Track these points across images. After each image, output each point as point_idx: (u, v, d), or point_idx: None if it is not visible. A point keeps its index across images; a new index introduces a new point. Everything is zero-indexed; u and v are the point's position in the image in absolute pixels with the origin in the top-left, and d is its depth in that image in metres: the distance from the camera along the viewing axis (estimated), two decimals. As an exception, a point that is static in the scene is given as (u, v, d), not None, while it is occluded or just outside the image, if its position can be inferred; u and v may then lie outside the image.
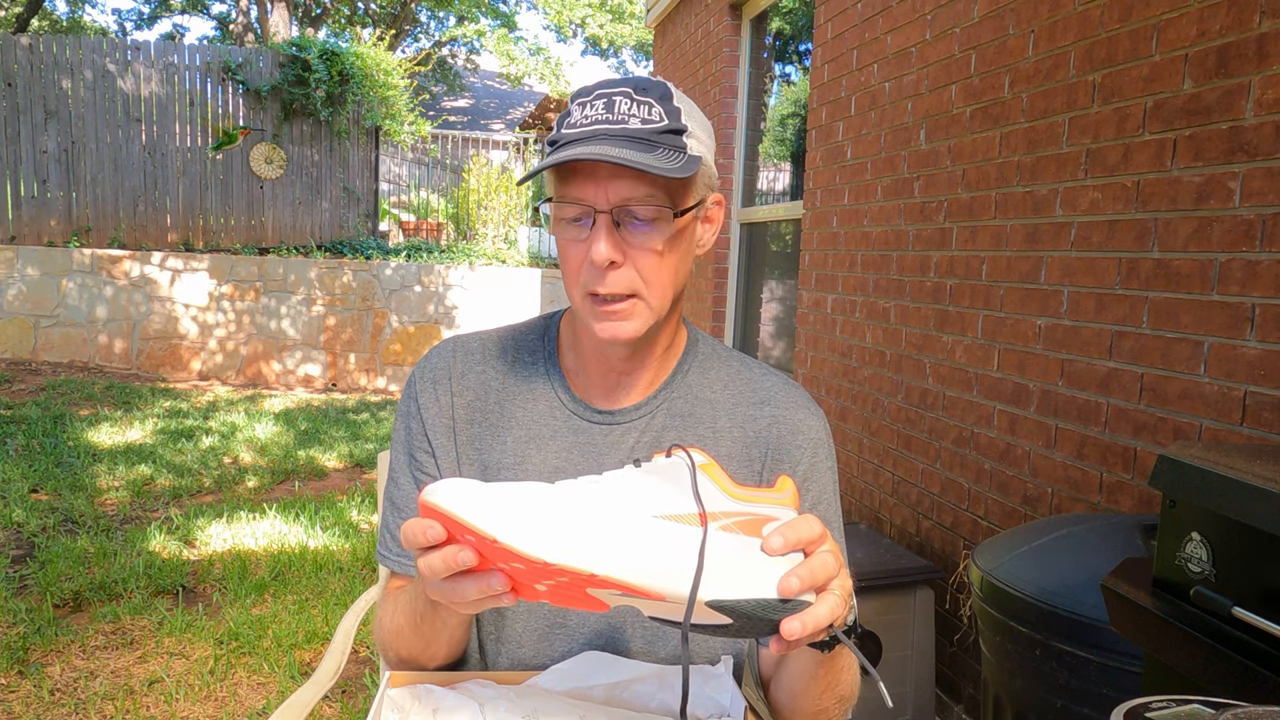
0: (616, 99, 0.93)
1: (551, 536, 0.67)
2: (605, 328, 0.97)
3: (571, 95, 0.98)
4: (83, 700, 2.54)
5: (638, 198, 0.92)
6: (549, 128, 16.96)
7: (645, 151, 0.90)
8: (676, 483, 0.75)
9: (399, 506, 1.08)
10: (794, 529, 0.74)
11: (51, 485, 4.45)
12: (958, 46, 2.82)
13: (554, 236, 1.00)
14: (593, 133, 0.91)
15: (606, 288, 0.94)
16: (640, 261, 0.95)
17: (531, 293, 8.73)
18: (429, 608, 0.91)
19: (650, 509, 0.72)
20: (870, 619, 2.49)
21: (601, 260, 0.92)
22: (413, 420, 1.09)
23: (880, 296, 3.29)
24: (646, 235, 0.94)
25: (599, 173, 0.92)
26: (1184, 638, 1.18)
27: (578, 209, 0.94)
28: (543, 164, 0.92)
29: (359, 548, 3.84)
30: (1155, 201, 2.00)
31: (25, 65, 7.82)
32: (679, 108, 0.95)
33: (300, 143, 8.64)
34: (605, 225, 0.92)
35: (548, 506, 0.69)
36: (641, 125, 0.92)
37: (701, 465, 0.76)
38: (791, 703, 0.98)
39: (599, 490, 0.73)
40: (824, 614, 0.72)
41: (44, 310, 7.65)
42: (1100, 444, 2.15)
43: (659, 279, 0.96)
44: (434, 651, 0.99)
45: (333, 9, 17.72)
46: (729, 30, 5.25)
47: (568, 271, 0.98)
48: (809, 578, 0.72)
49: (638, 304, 0.96)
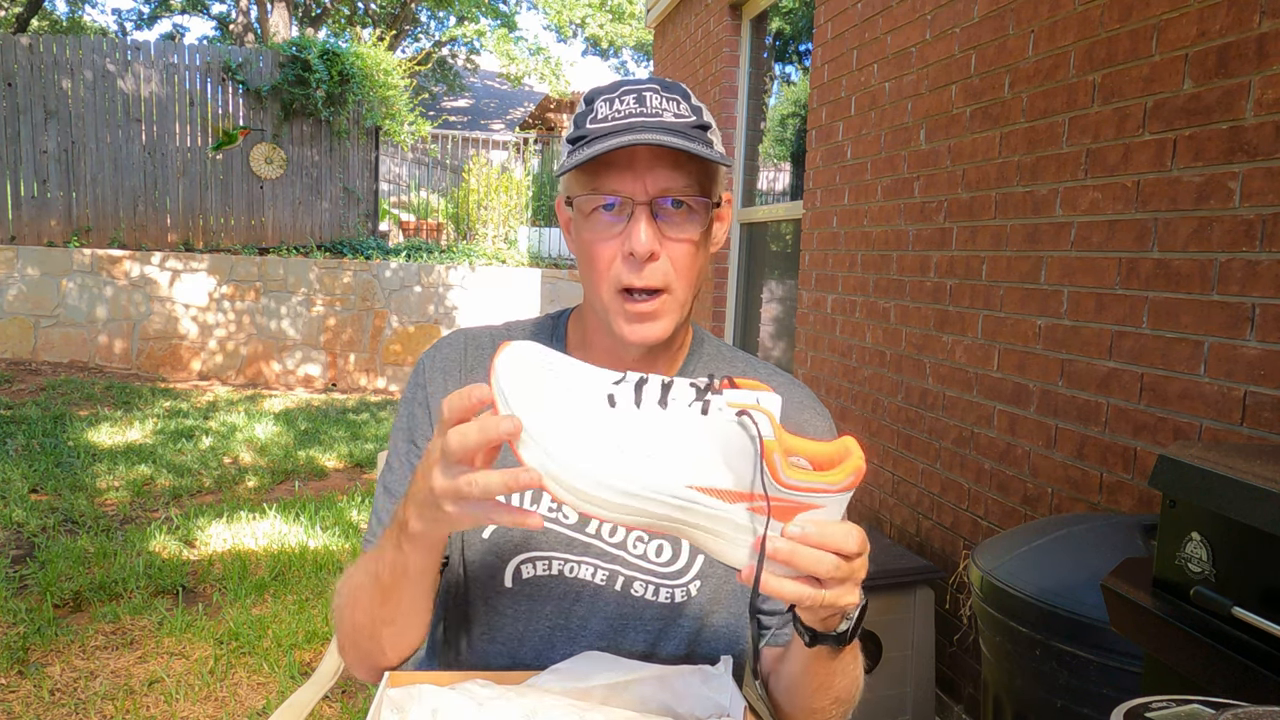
0: (647, 94, 0.94)
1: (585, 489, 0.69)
2: (635, 330, 0.96)
3: (588, 94, 0.98)
4: (83, 700, 2.54)
5: (677, 188, 0.93)
6: (549, 128, 16.96)
7: (687, 140, 0.91)
8: (733, 453, 0.70)
9: (393, 493, 1.06)
10: (824, 532, 0.70)
11: (51, 485, 4.45)
12: (958, 46, 2.82)
13: (576, 233, 0.99)
14: (628, 125, 0.91)
15: (644, 280, 0.94)
16: (675, 253, 0.95)
17: (531, 293, 8.73)
18: (397, 552, 0.86)
19: (690, 477, 0.70)
20: (870, 619, 2.48)
21: (644, 250, 0.92)
22: (418, 407, 1.07)
23: (880, 296, 3.29)
24: (683, 226, 0.95)
25: (637, 164, 0.92)
26: (1184, 638, 1.18)
27: (613, 201, 0.93)
28: (586, 154, 0.89)
29: (359, 548, 3.83)
30: (1155, 201, 2.00)
31: (25, 65, 7.82)
32: (700, 106, 0.97)
33: (300, 143, 8.64)
34: (645, 216, 0.92)
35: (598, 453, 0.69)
36: (675, 119, 0.93)
37: (766, 442, 0.69)
38: (788, 699, 0.98)
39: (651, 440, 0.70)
40: (789, 590, 0.71)
41: (44, 310, 7.65)
42: (1100, 444, 2.15)
43: (690, 271, 0.97)
44: (388, 612, 0.93)
45: (333, 9, 17.72)
46: (729, 30, 5.25)
47: (596, 268, 0.96)
48: (788, 553, 0.69)
49: (667, 300, 0.96)
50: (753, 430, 0.69)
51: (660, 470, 0.69)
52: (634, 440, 0.69)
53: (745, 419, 0.69)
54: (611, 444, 0.69)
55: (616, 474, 0.69)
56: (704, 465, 0.70)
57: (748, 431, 0.69)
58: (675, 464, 0.69)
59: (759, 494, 0.69)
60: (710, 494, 0.70)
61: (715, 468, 0.70)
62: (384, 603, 0.93)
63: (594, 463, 0.69)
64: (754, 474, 0.69)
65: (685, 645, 1.05)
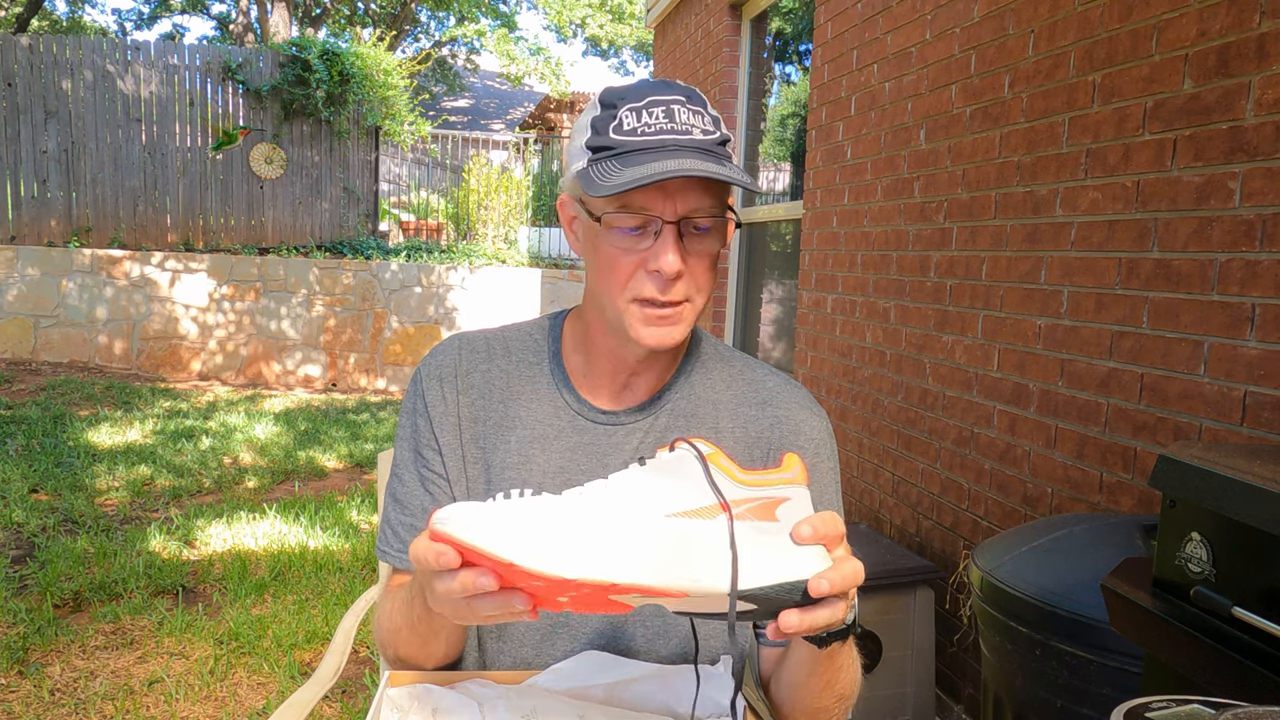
0: (675, 108, 0.94)
1: (569, 553, 0.66)
2: (653, 334, 0.97)
3: (607, 96, 0.96)
4: (83, 700, 2.54)
5: (704, 208, 0.94)
6: (549, 128, 16.96)
7: (719, 163, 0.92)
8: (686, 477, 0.75)
9: (402, 503, 1.08)
10: (823, 522, 0.74)
11: (51, 485, 4.45)
12: (958, 46, 2.82)
13: (591, 240, 0.99)
14: (660, 143, 0.92)
15: (667, 296, 0.95)
16: (696, 269, 0.97)
17: (531, 293, 8.73)
18: (425, 611, 0.90)
19: (662, 509, 0.72)
20: (870, 619, 2.49)
21: (672, 271, 0.93)
22: (419, 417, 1.08)
23: (880, 296, 3.29)
24: (706, 243, 0.97)
25: (669, 184, 0.92)
26: (1184, 638, 1.18)
27: (641, 219, 0.94)
28: (636, 178, 0.88)
29: (359, 548, 3.83)
30: (1155, 201, 2.00)
31: (25, 65, 7.82)
32: (716, 116, 0.98)
33: (300, 143, 8.64)
34: (673, 236, 0.93)
35: (561, 522, 0.68)
36: (704, 136, 0.94)
37: (708, 455, 0.76)
38: (791, 700, 0.98)
39: (609, 497, 0.72)
40: (825, 616, 0.73)
41: (44, 310, 7.65)
42: (1100, 444, 2.15)
43: (708, 284, 0.99)
44: (431, 651, 0.99)
45: (333, 9, 17.72)
46: (729, 30, 5.25)
47: (615, 279, 0.97)
48: (840, 582, 0.73)
49: (686, 308, 0.98)
50: (691, 451, 0.76)
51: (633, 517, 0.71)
52: (600, 510, 0.71)
53: (681, 445, 0.77)
54: (583, 521, 0.70)
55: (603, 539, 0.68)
56: (668, 497, 0.73)
57: (688, 454, 0.76)
58: (643, 508, 0.72)
59: (724, 500, 0.73)
60: (689, 516, 0.72)
61: (678, 495, 0.73)
62: (424, 644, 0.98)
63: (577, 542, 0.68)
64: (711, 484, 0.74)
65: (685, 645, 1.05)
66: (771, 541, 0.73)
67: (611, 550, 0.67)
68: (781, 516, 0.75)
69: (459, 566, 0.69)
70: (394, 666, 1.02)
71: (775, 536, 0.74)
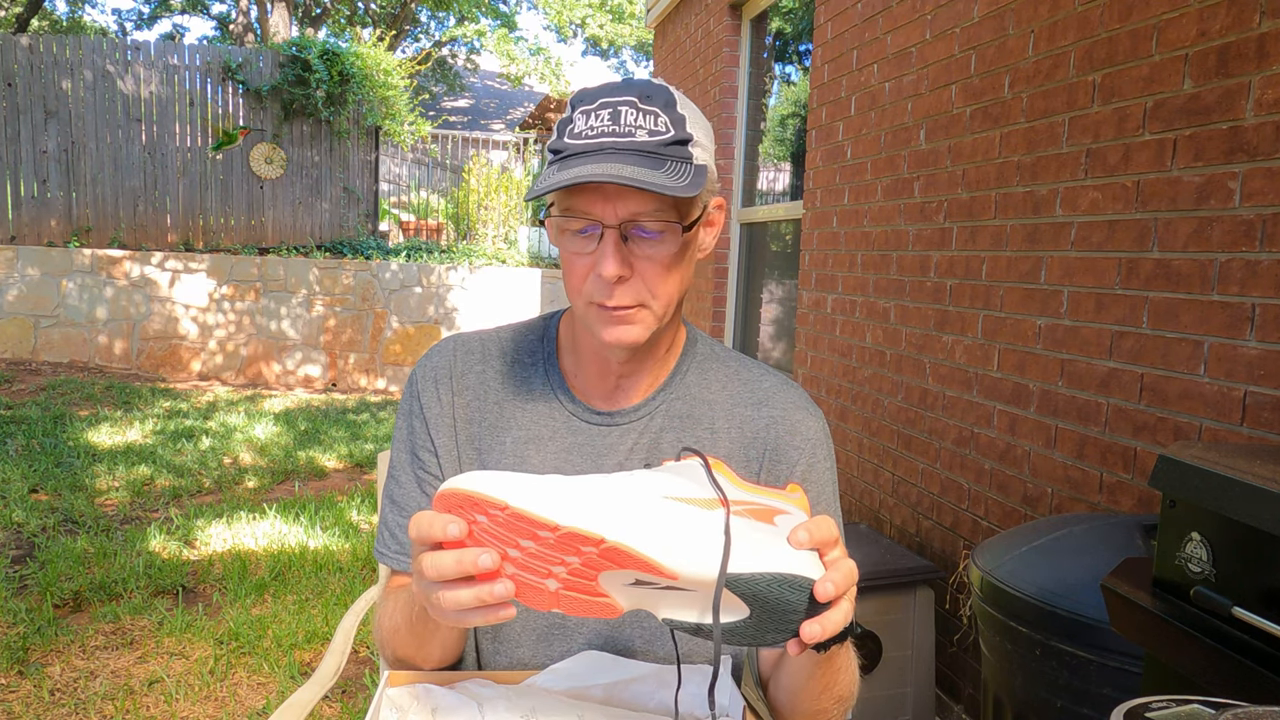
0: (622, 109, 0.92)
1: (563, 501, 0.68)
2: (611, 332, 0.96)
3: (572, 98, 0.96)
4: (83, 700, 2.54)
5: (646, 213, 0.92)
6: (549, 128, 16.95)
7: (654, 167, 0.89)
8: (689, 477, 0.78)
9: (399, 504, 1.08)
10: (819, 527, 0.74)
11: (51, 485, 4.45)
12: (958, 46, 2.82)
13: (556, 241, 0.99)
14: (599, 145, 0.90)
15: (614, 300, 0.94)
16: (648, 274, 0.95)
17: (531, 293, 8.73)
18: (424, 611, 0.91)
19: (662, 492, 0.74)
20: (870, 619, 2.49)
21: (610, 276, 0.92)
22: (415, 419, 1.08)
23: (880, 296, 3.29)
24: (654, 249, 0.94)
25: (607, 188, 0.91)
26: (1184, 638, 1.18)
27: (584, 223, 0.93)
28: (550, 184, 0.88)
29: (359, 548, 3.83)
30: (1155, 201, 2.00)
31: (25, 65, 7.82)
32: (683, 115, 0.94)
33: (300, 143, 8.64)
34: (613, 241, 0.92)
35: (561, 480, 0.72)
36: (649, 138, 0.91)
37: (713, 463, 0.79)
38: (791, 703, 0.98)
39: (611, 477, 0.76)
40: (839, 619, 0.73)
41: (44, 310, 7.65)
42: (1100, 444, 2.15)
43: (665, 290, 0.96)
44: (429, 652, 0.99)
45: (333, 9, 17.72)
46: (729, 30, 5.25)
47: (571, 282, 0.97)
48: (842, 582, 0.73)
49: (643, 311, 0.96)
50: (696, 460, 0.80)
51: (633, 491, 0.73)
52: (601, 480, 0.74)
53: (685, 452, 0.82)
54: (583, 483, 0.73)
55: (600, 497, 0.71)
56: (669, 484, 0.75)
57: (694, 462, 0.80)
58: (643, 487, 0.74)
59: (724, 499, 0.75)
60: (687, 503, 0.73)
61: (680, 485, 0.76)
62: (422, 645, 0.98)
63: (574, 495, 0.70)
64: (713, 483, 0.77)
65: (684, 645, 1.05)
66: (766, 539, 0.74)
67: (606, 508, 0.69)
68: (779, 524, 0.76)
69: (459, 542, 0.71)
70: (393, 667, 1.02)
71: (771, 536, 0.74)
